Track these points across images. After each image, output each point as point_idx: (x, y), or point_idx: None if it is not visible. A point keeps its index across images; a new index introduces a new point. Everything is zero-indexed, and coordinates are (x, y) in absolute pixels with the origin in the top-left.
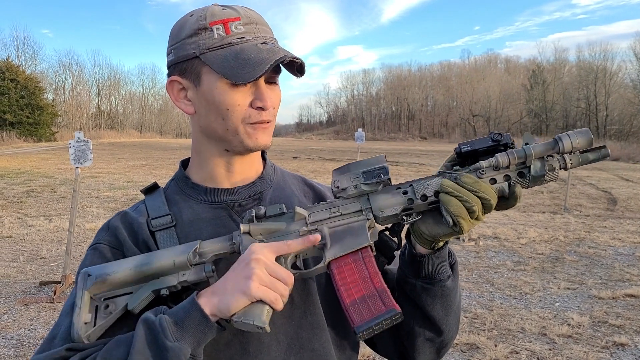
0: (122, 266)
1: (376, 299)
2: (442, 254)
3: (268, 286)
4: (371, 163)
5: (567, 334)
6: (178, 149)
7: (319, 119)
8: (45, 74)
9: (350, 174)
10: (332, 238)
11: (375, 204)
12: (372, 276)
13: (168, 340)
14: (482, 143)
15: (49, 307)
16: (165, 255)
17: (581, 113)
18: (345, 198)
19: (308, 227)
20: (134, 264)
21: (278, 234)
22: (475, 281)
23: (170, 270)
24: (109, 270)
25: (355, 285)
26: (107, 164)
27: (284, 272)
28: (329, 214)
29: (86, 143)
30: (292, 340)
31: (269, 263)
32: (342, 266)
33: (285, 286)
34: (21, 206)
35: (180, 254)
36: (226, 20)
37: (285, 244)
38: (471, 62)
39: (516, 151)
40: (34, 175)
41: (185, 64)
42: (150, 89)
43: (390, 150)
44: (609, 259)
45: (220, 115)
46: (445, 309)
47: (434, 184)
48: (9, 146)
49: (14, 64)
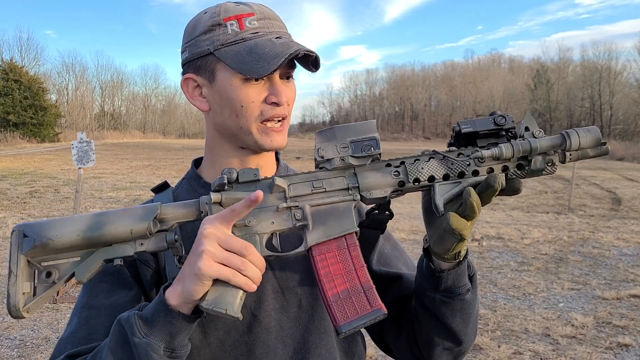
0: (68, 228)
1: (361, 296)
2: (462, 268)
3: (222, 262)
4: (360, 130)
5: (571, 335)
6: (181, 149)
7: (322, 119)
8: (48, 75)
9: (336, 142)
10: (315, 219)
11: (363, 183)
12: (358, 269)
13: (135, 337)
14: (484, 125)
15: (51, 308)
16: (121, 220)
17: (585, 113)
18: (329, 170)
19: (287, 202)
20: (83, 226)
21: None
22: (479, 281)
23: (126, 238)
24: (51, 233)
25: (339, 276)
26: (110, 165)
27: (238, 244)
28: (312, 188)
29: (89, 144)
30: (299, 344)
31: (221, 235)
32: (325, 253)
33: (242, 259)
34: (24, 207)
35: (139, 221)
36: (240, 15)
37: (230, 210)
38: (475, 62)
39: (522, 144)
40: (38, 176)
41: (200, 61)
42: (153, 89)
43: (394, 150)
44: (613, 259)
45: (234, 112)
46: (465, 321)
47: (430, 168)
48: (13, 147)
49: (17, 64)
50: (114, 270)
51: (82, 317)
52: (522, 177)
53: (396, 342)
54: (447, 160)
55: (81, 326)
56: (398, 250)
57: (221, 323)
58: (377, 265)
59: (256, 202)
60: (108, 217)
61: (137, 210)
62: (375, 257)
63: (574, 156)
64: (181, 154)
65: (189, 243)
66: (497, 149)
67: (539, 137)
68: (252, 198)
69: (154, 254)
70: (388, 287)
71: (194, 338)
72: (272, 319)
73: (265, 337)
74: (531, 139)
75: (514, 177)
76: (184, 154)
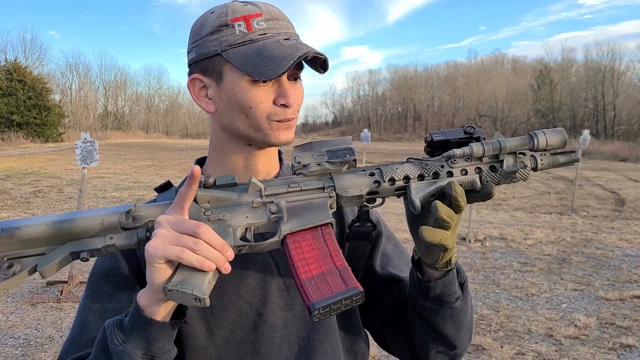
0: (36, 220)
1: (336, 276)
2: (450, 277)
3: (172, 243)
4: (336, 143)
5: (574, 336)
6: (184, 149)
7: (324, 119)
8: (52, 75)
9: (313, 152)
10: (290, 212)
11: (339, 183)
12: (333, 253)
13: (113, 344)
14: (455, 134)
15: (55, 307)
16: (93, 213)
17: (589, 113)
18: (305, 175)
19: (263, 198)
20: (53, 219)
21: (228, 203)
22: (482, 282)
23: (96, 231)
24: (19, 223)
25: (314, 262)
26: (113, 165)
27: (189, 224)
28: (287, 188)
29: (92, 144)
30: (304, 342)
31: (173, 219)
32: (299, 241)
33: (194, 239)
34: (28, 206)
35: (111, 214)
36: (248, 16)
37: (178, 195)
38: (478, 62)
39: (491, 142)
40: (41, 176)
41: (207, 62)
42: (157, 89)
43: (397, 151)
44: (617, 260)
45: (243, 113)
46: (456, 327)
47: (405, 169)
48: (17, 147)
49: (21, 65)
50: (117, 272)
51: (84, 320)
52: (496, 180)
53: (396, 343)
54: (421, 162)
55: (83, 329)
56: (400, 250)
57: (227, 322)
58: (379, 267)
59: (195, 178)
60: (81, 212)
61: (112, 207)
62: (378, 259)
63: (546, 162)
64: (184, 154)
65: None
66: (467, 148)
67: (508, 138)
68: (192, 175)
69: None
70: (389, 289)
71: (199, 337)
72: (277, 317)
73: (271, 335)
74: (500, 138)
75: (488, 180)
76: (187, 154)
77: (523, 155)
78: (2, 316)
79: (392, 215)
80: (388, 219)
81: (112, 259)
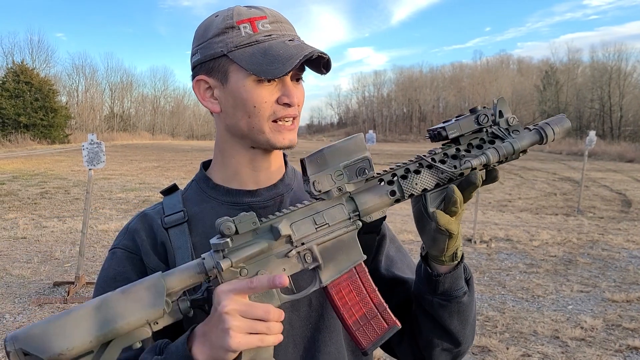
0: (75, 335)
1: (378, 318)
2: (458, 272)
3: (250, 332)
4: (350, 149)
5: (580, 337)
6: (190, 150)
7: (329, 120)
8: (59, 77)
9: (330, 171)
10: (324, 257)
11: (362, 207)
12: (370, 293)
13: None
14: (468, 126)
15: (62, 308)
16: (131, 312)
17: (595, 114)
18: (326, 199)
19: (295, 247)
20: (92, 329)
21: (261, 257)
22: (487, 283)
23: (141, 326)
24: (57, 345)
25: (355, 303)
26: (119, 166)
27: (260, 311)
28: (315, 226)
29: (99, 145)
30: (309, 342)
31: (242, 307)
32: (339, 285)
33: (266, 323)
34: (35, 207)
35: (150, 307)
36: (253, 19)
37: (249, 287)
38: (483, 63)
39: (505, 147)
40: (48, 177)
41: (212, 63)
42: (162, 91)
43: (402, 152)
44: (623, 261)
45: (247, 112)
46: (462, 323)
47: (422, 182)
48: (24, 148)
49: (28, 66)
50: (124, 277)
51: None
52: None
53: (399, 345)
54: (437, 170)
55: None
56: (402, 252)
57: None
58: (384, 269)
59: (282, 286)
60: (114, 309)
61: (141, 293)
62: (383, 261)
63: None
64: (190, 155)
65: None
66: (484, 157)
67: (514, 125)
68: (277, 283)
69: (165, 260)
70: (393, 291)
71: None
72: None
73: None
74: (513, 141)
75: (493, 167)
76: (192, 155)
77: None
78: (10, 317)
79: (397, 216)
80: (393, 220)
81: (119, 264)
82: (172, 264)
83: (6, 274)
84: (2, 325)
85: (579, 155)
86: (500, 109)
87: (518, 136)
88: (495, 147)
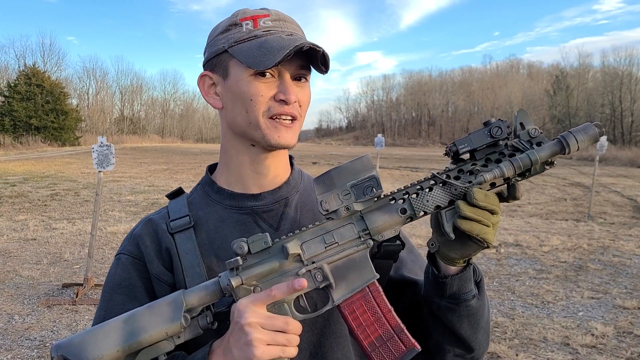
0: (105, 345)
1: (395, 340)
2: (467, 274)
3: (271, 343)
4: (357, 169)
5: (591, 344)
6: (199, 153)
7: (338, 124)
8: (69, 80)
9: (336, 191)
10: (335, 275)
11: (373, 226)
12: (386, 314)
13: None
14: (481, 140)
15: (71, 309)
16: (153, 325)
17: (606, 119)
18: (336, 219)
19: (306, 266)
20: (119, 340)
21: (273, 276)
22: (497, 289)
23: (162, 339)
24: (92, 354)
25: (370, 324)
26: (129, 169)
27: (280, 322)
28: (325, 245)
29: (109, 147)
30: (315, 348)
31: (263, 320)
32: (352, 305)
33: (286, 334)
34: (45, 209)
35: (170, 321)
36: (256, 16)
37: (269, 295)
38: (493, 68)
39: (521, 159)
40: (58, 179)
41: (216, 59)
42: (172, 94)
43: (410, 156)
44: (635, 268)
45: (244, 107)
46: (473, 328)
47: (435, 199)
48: (34, 150)
49: (40, 69)
50: (129, 283)
51: None
52: (520, 180)
53: None
54: (450, 186)
55: None
56: (414, 254)
57: None
58: (393, 271)
59: (301, 288)
60: (138, 322)
61: (163, 308)
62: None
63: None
64: (199, 158)
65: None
66: (497, 170)
67: (536, 136)
68: (297, 286)
69: (169, 266)
70: (403, 292)
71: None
72: None
73: None
74: (530, 152)
75: (515, 186)
76: (201, 159)
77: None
78: (19, 318)
79: None
80: None
81: (125, 270)
82: (177, 270)
83: (16, 275)
84: (11, 326)
85: (589, 161)
86: (521, 120)
87: (537, 148)
88: (510, 159)
